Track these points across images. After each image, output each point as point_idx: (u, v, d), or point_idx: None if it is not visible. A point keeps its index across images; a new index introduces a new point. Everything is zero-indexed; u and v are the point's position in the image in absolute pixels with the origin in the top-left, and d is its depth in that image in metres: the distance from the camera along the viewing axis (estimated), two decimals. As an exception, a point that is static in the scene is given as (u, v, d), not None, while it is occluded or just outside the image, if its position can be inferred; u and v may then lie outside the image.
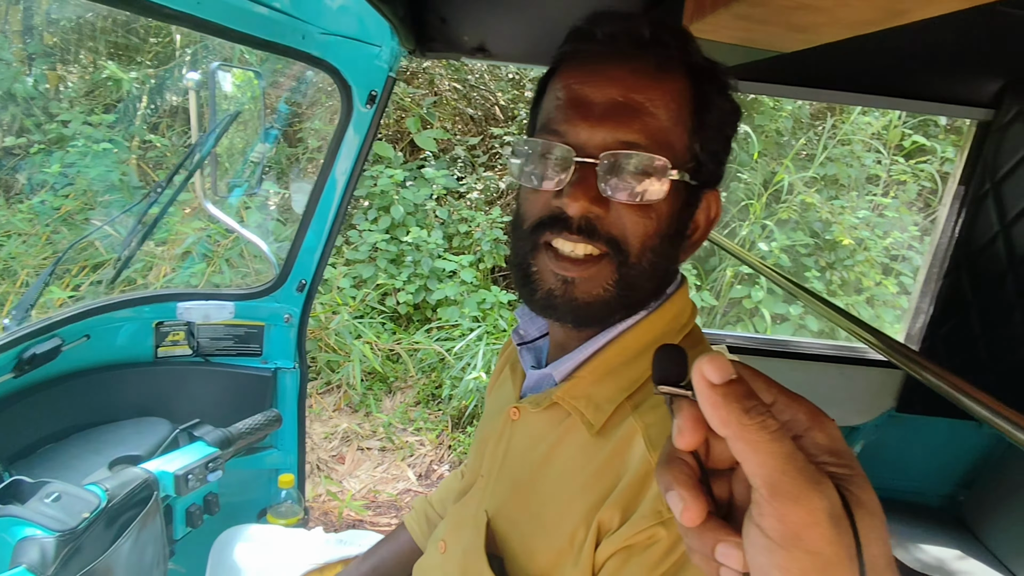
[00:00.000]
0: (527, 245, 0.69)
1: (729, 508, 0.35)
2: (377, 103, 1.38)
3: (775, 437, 0.28)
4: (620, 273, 0.66)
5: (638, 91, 0.63)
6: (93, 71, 4.46)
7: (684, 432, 0.32)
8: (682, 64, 0.65)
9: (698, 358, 0.31)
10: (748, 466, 0.29)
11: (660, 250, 0.67)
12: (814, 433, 0.32)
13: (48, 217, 3.70)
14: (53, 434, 1.29)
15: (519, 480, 0.75)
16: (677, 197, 0.66)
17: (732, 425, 0.29)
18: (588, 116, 0.63)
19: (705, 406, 0.30)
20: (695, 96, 0.66)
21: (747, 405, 0.29)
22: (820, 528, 0.28)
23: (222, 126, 1.32)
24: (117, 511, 0.96)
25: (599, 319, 0.69)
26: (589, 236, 0.64)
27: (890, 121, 3.93)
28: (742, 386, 0.30)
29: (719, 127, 0.68)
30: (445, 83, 4.72)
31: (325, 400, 3.46)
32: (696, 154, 0.67)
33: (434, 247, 3.97)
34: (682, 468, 0.33)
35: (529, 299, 0.70)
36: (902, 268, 3.84)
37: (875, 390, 1.86)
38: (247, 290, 1.57)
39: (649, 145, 0.62)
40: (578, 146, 0.63)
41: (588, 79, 0.64)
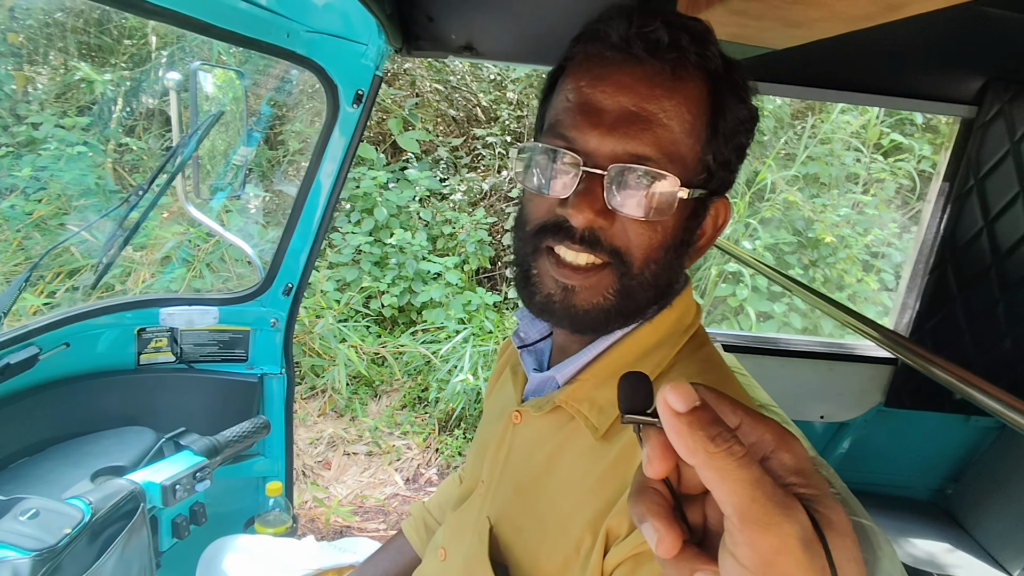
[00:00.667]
0: (529, 247, 0.67)
1: (704, 533, 0.35)
2: (364, 103, 1.36)
3: (742, 464, 0.28)
4: (621, 283, 0.64)
5: (651, 100, 0.60)
6: (65, 72, 4.34)
7: (653, 461, 0.32)
8: (699, 69, 0.62)
9: (662, 387, 0.30)
10: (717, 494, 0.28)
11: (663, 261, 0.66)
12: (780, 454, 0.31)
13: (19, 222, 3.59)
14: (30, 447, 1.24)
15: (522, 485, 0.73)
16: (685, 209, 0.65)
17: (699, 453, 0.28)
18: (598, 124, 0.61)
19: (671, 435, 0.29)
20: (712, 103, 0.63)
21: (712, 432, 0.29)
22: (792, 554, 0.27)
23: (204, 127, 1.28)
24: (101, 525, 0.92)
25: (596, 327, 0.68)
26: (592, 246, 0.63)
27: (869, 120, 3.99)
28: (707, 412, 0.30)
29: (733, 135, 0.66)
30: (427, 84, 4.69)
31: (310, 405, 3.41)
32: (708, 165, 0.65)
33: (418, 249, 3.93)
34: (654, 498, 0.32)
35: (528, 301, 0.69)
36: (882, 265, 3.90)
37: (864, 386, 1.89)
38: (231, 294, 1.53)
39: (660, 159, 0.60)
40: (586, 154, 0.61)
41: (599, 84, 0.62)
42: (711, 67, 0.63)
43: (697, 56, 0.61)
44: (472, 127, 4.73)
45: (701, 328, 0.76)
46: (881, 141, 4.04)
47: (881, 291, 3.84)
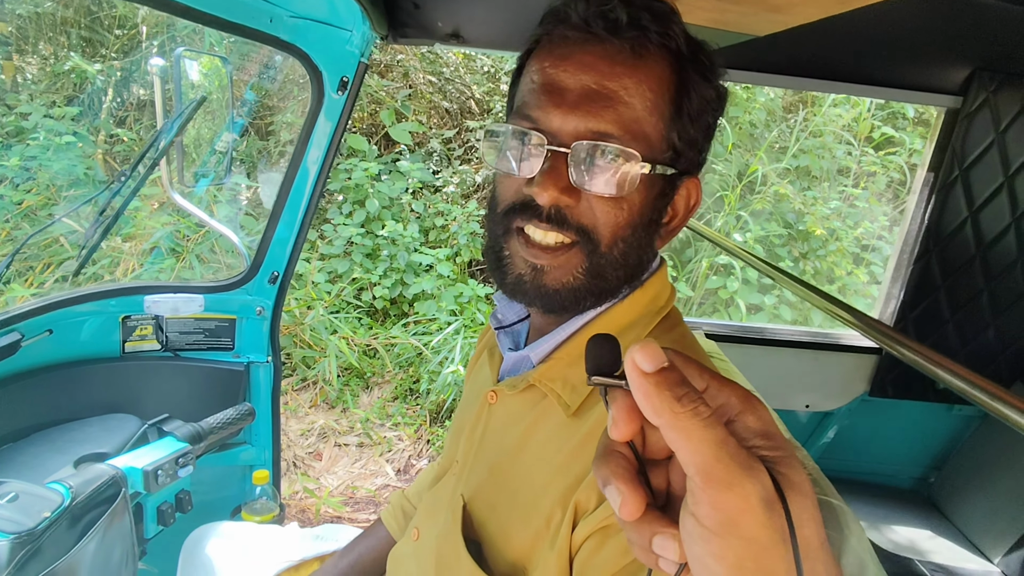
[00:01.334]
0: (500, 229, 0.68)
1: (667, 498, 0.35)
2: (348, 90, 1.36)
3: (707, 424, 0.28)
4: (590, 261, 0.65)
5: (612, 79, 0.61)
6: (54, 62, 4.30)
7: (619, 423, 0.32)
8: (662, 48, 0.63)
9: (631, 347, 0.30)
10: (681, 454, 0.28)
11: (632, 240, 0.66)
12: (746, 416, 0.32)
13: (8, 212, 3.56)
14: (12, 433, 1.24)
15: (496, 463, 0.74)
16: (652, 187, 0.65)
17: (665, 413, 0.29)
18: (560, 103, 0.62)
19: (637, 395, 0.30)
20: (675, 82, 0.64)
21: (679, 393, 0.29)
22: (753, 513, 0.27)
23: (188, 112, 1.28)
24: (82, 509, 0.92)
25: (567, 306, 0.68)
26: (559, 225, 0.63)
27: (860, 113, 4.00)
28: (674, 373, 0.30)
29: (699, 114, 0.66)
30: (420, 76, 4.67)
31: (301, 396, 3.41)
32: (674, 143, 0.65)
33: (410, 241, 3.93)
34: (619, 461, 0.32)
35: (500, 282, 0.70)
36: (872, 258, 3.92)
37: (849, 375, 1.90)
38: (217, 283, 1.53)
39: (622, 136, 0.61)
40: (550, 133, 0.62)
41: (562, 64, 0.63)
42: (673, 47, 0.63)
43: (659, 35, 0.62)
44: (465, 119, 4.71)
45: (675, 309, 0.76)
46: (872, 135, 4.05)
47: (871, 284, 3.86)
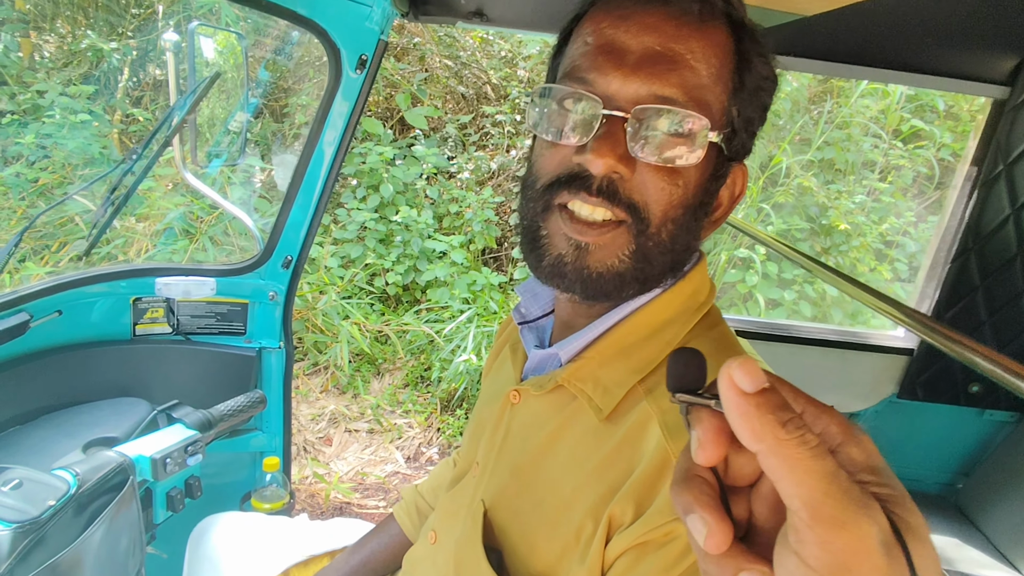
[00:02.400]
0: (539, 206, 0.62)
1: (748, 529, 0.32)
2: (367, 69, 1.31)
3: (816, 454, 0.25)
4: (638, 243, 0.60)
5: (679, 40, 0.56)
6: (72, 40, 4.29)
7: (706, 446, 0.29)
8: (726, 16, 0.59)
9: (726, 362, 0.27)
10: (785, 486, 0.25)
11: (683, 222, 0.61)
12: (849, 448, 0.28)
13: (23, 190, 3.56)
14: (21, 415, 1.22)
15: (519, 467, 0.69)
16: (708, 165, 0.60)
17: (767, 439, 0.25)
18: (621, 65, 0.56)
19: (735, 417, 0.26)
20: (737, 53, 0.59)
21: (783, 417, 0.26)
22: (870, 557, 0.24)
23: (201, 90, 1.23)
24: (89, 497, 0.90)
25: (609, 292, 0.62)
26: (609, 199, 0.58)
27: (889, 105, 3.89)
28: (776, 395, 0.27)
29: (757, 92, 0.62)
30: (436, 60, 4.60)
31: (312, 381, 3.40)
32: (733, 119, 0.60)
33: (424, 227, 3.89)
34: (703, 487, 0.29)
35: (536, 265, 0.64)
36: (896, 254, 3.83)
37: (877, 376, 1.84)
38: (230, 266, 1.50)
39: (687, 102, 0.56)
40: (607, 97, 0.57)
41: (622, 23, 0.57)
42: (736, 16, 0.59)
43: (724, 2, 0.58)
44: (481, 104, 4.65)
45: (715, 307, 0.71)
46: (900, 127, 3.94)
47: (894, 281, 3.77)
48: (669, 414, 0.58)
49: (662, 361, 0.64)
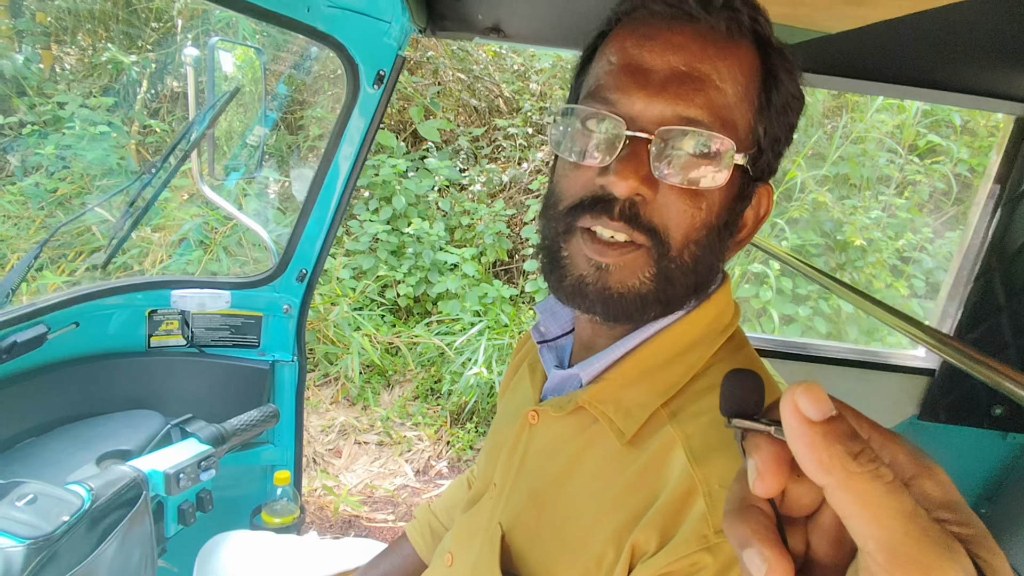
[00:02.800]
0: (560, 227, 0.61)
1: (803, 561, 0.30)
2: (385, 84, 1.31)
3: (891, 489, 0.23)
4: (659, 266, 0.59)
5: (704, 60, 0.55)
6: (92, 53, 4.37)
7: (765, 476, 0.27)
8: (753, 34, 0.58)
9: (789, 388, 0.25)
10: (857, 524, 0.23)
11: (706, 244, 0.60)
12: (923, 482, 0.26)
13: (42, 200, 3.62)
14: (37, 427, 1.22)
15: (538, 490, 0.68)
16: (733, 186, 0.59)
17: (836, 472, 0.24)
18: (645, 85, 0.55)
19: (800, 447, 0.25)
20: (764, 71, 0.59)
21: (853, 449, 0.24)
22: None
23: (221, 104, 1.24)
24: (102, 512, 0.89)
25: (631, 313, 0.61)
26: (630, 223, 0.57)
27: (905, 120, 3.86)
28: (844, 425, 0.25)
29: (784, 110, 0.61)
30: (449, 73, 4.63)
31: (322, 392, 3.40)
32: (759, 139, 0.59)
33: (436, 239, 3.89)
34: (760, 520, 0.27)
35: (557, 286, 0.63)
36: (913, 270, 3.78)
37: (896, 397, 1.81)
38: (244, 279, 1.50)
39: (713, 123, 0.55)
40: (631, 118, 0.56)
41: (647, 42, 0.57)
42: (763, 33, 0.58)
43: (750, 19, 0.57)
44: (494, 117, 4.67)
45: (739, 329, 0.70)
46: (917, 142, 3.91)
47: (910, 297, 3.72)
48: (694, 439, 0.57)
49: (686, 384, 0.63)
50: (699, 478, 0.53)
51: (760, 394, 0.31)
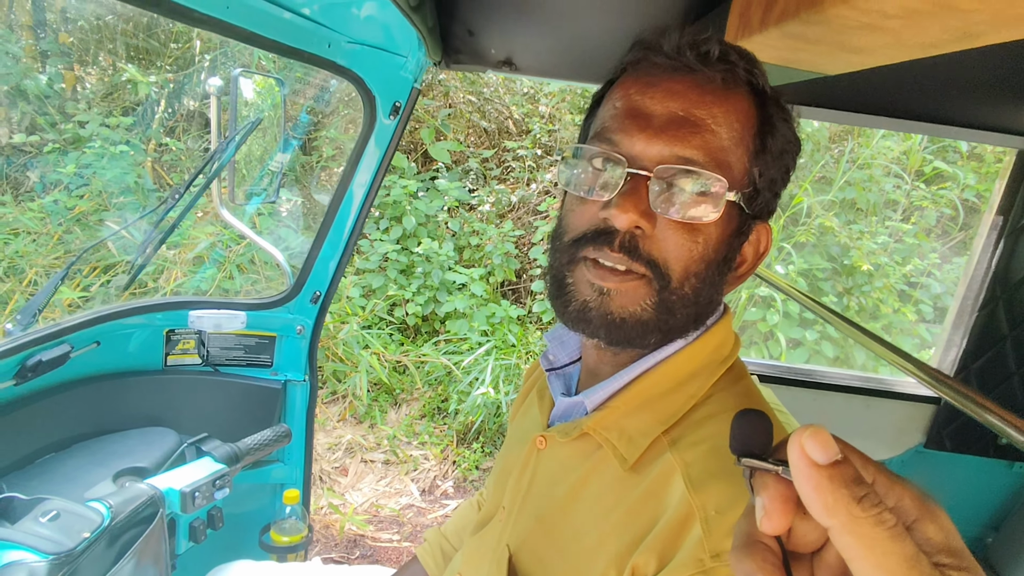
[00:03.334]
0: (564, 258, 0.65)
1: None
2: (400, 115, 1.36)
3: (894, 535, 0.24)
4: (660, 297, 0.62)
5: (701, 107, 0.60)
6: (113, 73, 4.48)
7: (772, 515, 0.28)
8: (748, 85, 0.63)
9: (796, 430, 0.27)
10: (860, 566, 0.25)
11: (704, 276, 0.63)
12: (925, 525, 0.27)
13: (60, 217, 3.69)
14: (56, 443, 1.25)
15: (544, 513, 0.70)
16: (729, 223, 0.63)
17: (839, 515, 0.25)
18: (645, 127, 0.60)
19: (805, 488, 0.26)
20: (760, 118, 0.63)
21: (857, 493, 0.25)
22: None
23: (243, 132, 1.29)
24: (120, 529, 0.92)
25: (632, 339, 0.64)
26: (630, 254, 0.61)
27: (911, 147, 3.89)
28: (849, 468, 0.26)
29: (780, 155, 0.65)
30: (460, 95, 4.72)
31: (330, 410, 3.42)
32: (754, 180, 0.63)
33: (445, 259, 3.94)
34: (766, 555, 0.29)
35: (562, 311, 0.66)
36: (920, 295, 3.78)
37: (902, 425, 1.81)
38: (260, 300, 1.54)
39: (708, 163, 0.59)
40: (631, 157, 0.60)
41: (649, 90, 0.62)
42: (758, 84, 0.63)
43: (746, 72, 0.62)
44: (503, 139, 4.74)
45: (739, 360, 0.72)
46: (923, 168, 3.93)
47: (919, 322, 3.71)
48: (693, 467, 0.59)
49: (686, 413, 0.65)
50: (696, 504, 0.55)
51: (768, 434, 0.33)
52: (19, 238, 3.62)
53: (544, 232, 4.17)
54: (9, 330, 1.15)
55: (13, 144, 4.17)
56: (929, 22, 0.60)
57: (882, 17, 0.62)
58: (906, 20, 0.62)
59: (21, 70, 4.15)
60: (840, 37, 0.71)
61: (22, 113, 4.19)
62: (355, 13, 1.13)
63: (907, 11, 0.60)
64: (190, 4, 0.87)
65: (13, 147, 4.17)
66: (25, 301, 3.35)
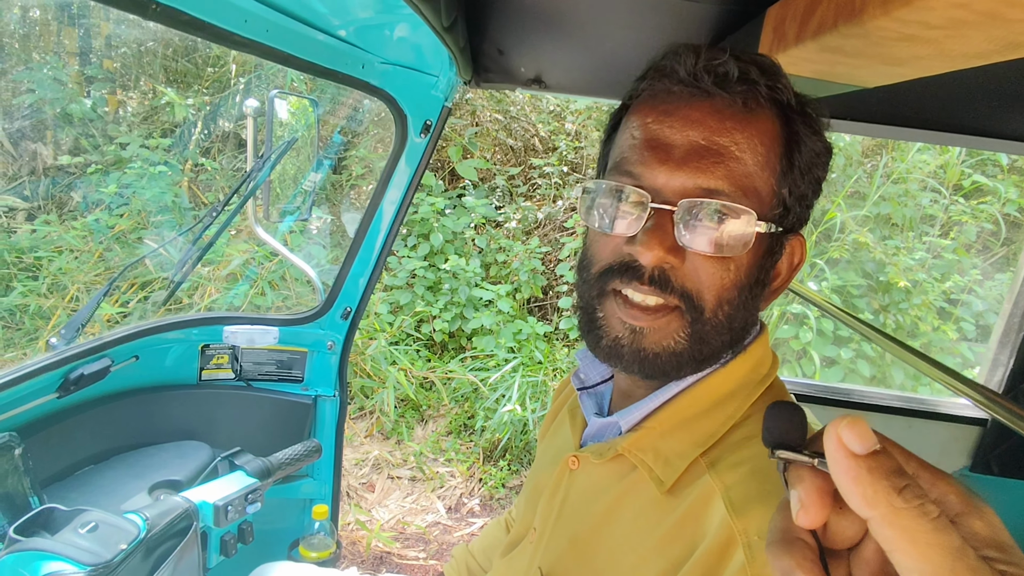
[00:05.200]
0: (594, 290, 0.65)
1: None
2: (431, 133, 1.38)
3: (938, 526, 0.23)
4: (693, 328, 0.61)
5: (722, 134, 0.58)
6: (153, 97, 4.66)
7: (809, 508, 0.28)
8: (771, 102, 0.60)
9: (833, 421, 0.26)
10: (902, 559, 0.24)
11: (738, 303, 0.62)
12: (970, 520, 0.26)
13: (102, 235, 3.83)
14: (94, 456, 1.28)
15: (578, 536, 0.69)
16: (760, 246, 0.61)
17: (880, 507, 0.24)
18: (666, 160, 0.59)
19: (843, 480, 0.25)
20: (785, 136, 0.61)
21: (898, 483, 0.24)
22: None
23: (279, 152, 1.32)
24: (156, 541, 0.93)
25: (667, 371, 0.63)
26: (661, 288, 0.59)
27: (948, 160, 3.79)
28: (890, 459, 0.25)
29: (809, 169, 0.63)
30: (487, 114, 4.78)
31: (357, 425, 3.44)
32: (784, 199, 0.62)
33: (471, 275, 3.96)
34: (804, 551, 0.28)
35: (594, 346, 0.66)
36: (961, 313, 3.65)
37: (946, 448, 1.74)
38: (292, 316, 1.56)
39: (733, 193, 0.58)
40: (654, 191, 0.59)
41: (667, 119, 0.60)
42: (783, 99, 0.61)
43: (768, 89, 0.60)
44: (530, 156, 4.77)
45: (778, 380, 0.70)
46: (961, 182, 3.82)
47: (960, 341, 3.58)
48: (733, 489, 0.57)
49: (725, 434, 0.63)
50: (738, 529, 0.54)
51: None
52: (62, 256, 3.75)
53: (571, 248, 4.16)
54: (53, 344, 1.18)
55: (59, 165, 4.35)
56: (973, 32, 0.59)
57: (924, 28, 0.61)
58: (949, 31, 0.60)
59: (68, 95, 4.34)
60: (880, 49, 0.69)
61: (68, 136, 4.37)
62: (388, 34, 1.15)
63: (951, 22, 0.58)
64: (232, 28, 0.90)
65: (59, 168, 4.35)
66: (67, 316, 3.47)
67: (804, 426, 0.32)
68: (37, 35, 4.69)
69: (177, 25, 0.81)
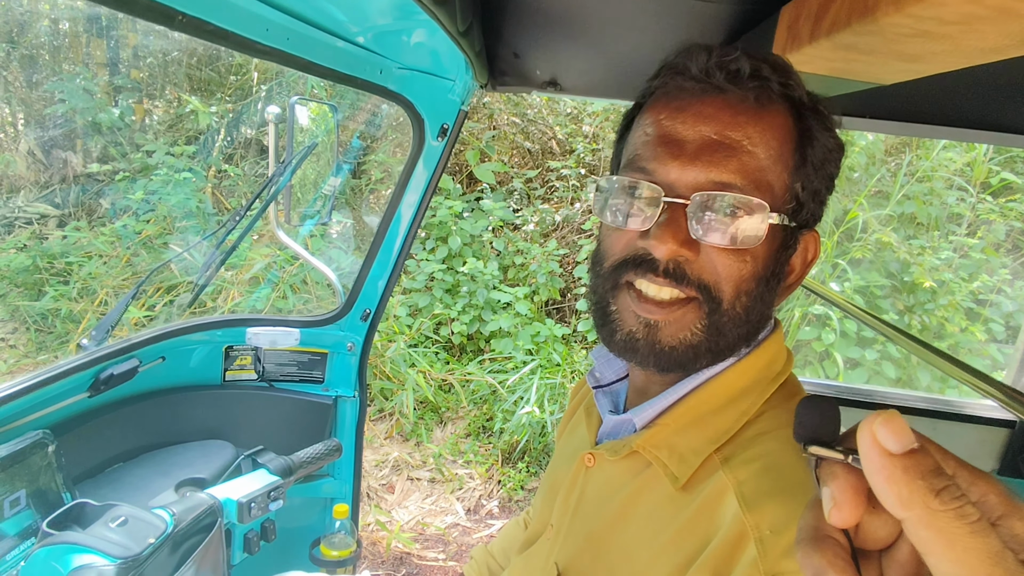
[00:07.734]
0: (607, 284, 0.65)
1: None
2: (448, 136, 1.39)
3: (976, 529, 0.23)
4: (710, 319, 0.61)
5: (735, 128, 0.58)
6: (177, 105, 4.77)
7: (842, 507, 0.26)
8: (783, 98, 0.61)
9: (867, 417, 0.25)
10: (938, 562, 0.23)
11: (755, 294, 0.62)
12: (1011, 522, 0.25)
13: (129, 240, 3.93)
14: (123, 453, 1.32)
15: (594, 533, 0.69)
16: (774, 239, 0.61)
17: (916, 508, 0.23)
18: (679, 154, 0.59)
19: (878, 480, 0.24)
20: (798, 131, 0.61)
21: (936, 484, 0.23)
22: None
23: (300, 157, 1.35)
24: (182, 537, 0.95)
25: (683, 364, 0.63)
26: (677, 280, 0.60)
27: (975, 158, 3.71)
28: (927, 458, 0.24)
29: (822, 164, 0.63)
30: (504, 117, 4.80)
31: (377, 427, 3.47)
32: (797, 194, 0.62)
33: (489, 278, 3.98)
34: (836, 550, 0.27)
35: (608, 340, 0.66)
36: (990, 313, 3.56)
37: (972, 450, 1.70)
38: (313, 317, 1.59)
39: (746, 186, 0.58)
40: (667, 185, 0.59)
41: (679, 115, 0.61)
42: (795, 95, 0.61)
43: (780, 85, 0.60)
44: (547, 159, 4.78)
45: (793, 376, 0.70)
46: (989, 180, 3.74)
47: (989, 342, 3.50)
48: (746, 485, 0.57)
49: (739, 431, 0.64)
50: (750, 523, 0.54)
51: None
52: (92, 261, 3.86)
53: (588, 251, 4.16)
54: (84, 345, 1.22)
55: (88, 173, 4.47)
56: (987, 27, 0.58)
57: (939, 24, 0.61)
58: (964, 26, 0.60)
59: (97, 105, 4.46)
60: (895, 46, 0.69)
61: (97, 144, 4.50)
62: (405, 40, 1.17)
63: (964, 17, 0.58)
64: (254, 37, 0.93)
65: (88, 176, 4.48)
66: (96, 319, 3.57)
67: (838, 421, 0.31)
68: (68, 47, 4.83)
69: (202, 35, 0.84)
